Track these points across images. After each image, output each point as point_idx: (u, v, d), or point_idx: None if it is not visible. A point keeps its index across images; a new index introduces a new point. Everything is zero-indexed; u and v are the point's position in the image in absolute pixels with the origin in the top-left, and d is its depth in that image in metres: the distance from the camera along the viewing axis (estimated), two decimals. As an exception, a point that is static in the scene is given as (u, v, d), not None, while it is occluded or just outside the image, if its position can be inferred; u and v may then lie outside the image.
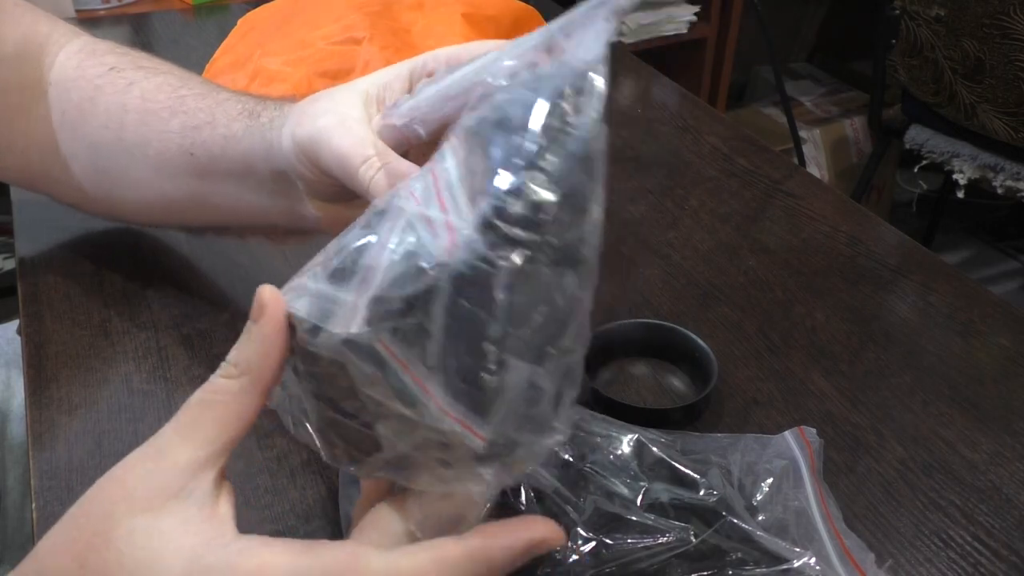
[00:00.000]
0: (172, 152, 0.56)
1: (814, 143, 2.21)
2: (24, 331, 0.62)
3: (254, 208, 0.55)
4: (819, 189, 0.82)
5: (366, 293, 0.31)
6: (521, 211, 0.31)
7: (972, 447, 0.55)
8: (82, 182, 0.62)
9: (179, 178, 0.56)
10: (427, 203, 0.32)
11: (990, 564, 0.48)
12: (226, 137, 0.53)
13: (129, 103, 0.57)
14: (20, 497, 0.73)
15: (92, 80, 0.59)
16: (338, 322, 0.31)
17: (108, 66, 0.59)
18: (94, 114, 0.59)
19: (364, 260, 0.32)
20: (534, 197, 0.31)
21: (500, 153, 0.32)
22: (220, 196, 0.56)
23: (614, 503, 0.43)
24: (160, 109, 0.56)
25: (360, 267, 0.32)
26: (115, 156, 0.58)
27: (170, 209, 0.60)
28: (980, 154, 1.53)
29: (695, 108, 0.96)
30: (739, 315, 0.66)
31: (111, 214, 0.66)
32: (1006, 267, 2.12)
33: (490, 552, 0.32)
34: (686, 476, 0.45)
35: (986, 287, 0.69)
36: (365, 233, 0.33)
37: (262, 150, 0.51)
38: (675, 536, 0.42)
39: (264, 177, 0.52)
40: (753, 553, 0.42)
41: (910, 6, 1.45)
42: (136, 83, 0.58)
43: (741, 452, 0.49)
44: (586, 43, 0.33)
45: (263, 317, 0.32)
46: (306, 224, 0.53)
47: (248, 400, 0.33)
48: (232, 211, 0.57)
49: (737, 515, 0.43)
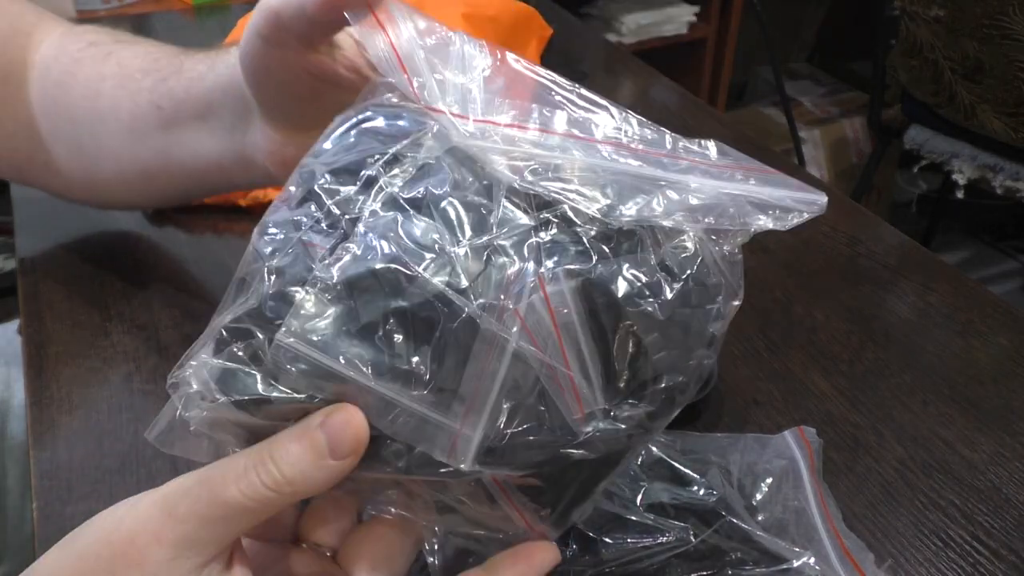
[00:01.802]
0: (143, 110, 0.56)
1: (814, 143, 2.21)
2: (24, 331, 0.62)
3: (213, 158, 0.55)
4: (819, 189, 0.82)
5: (478, 427, 0.29)
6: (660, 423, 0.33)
7: (971, 447, 0.55)
8: (63, 164, 0.62)
9: (148, 136, 0.57)
10: (540, 337, 0.29)
11: (990, 564, 0.48)
12: (191, 79, 0.54)
13: (106, 71, 0.58)
14: (19, 497, 0.73)
15: (72, 55, 0.60)
16: (441, 448, 0.29)
17: (88, 42, 0.60)
18: (73, 86, 0.59)
19: (466, 384, 0.29)
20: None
21: (661, 362, 0.31)
22: (184, 148, 0.56)
23: (614, 503, 0.43)
24: (135, 71, 0.57)
25: (462, 378, 0.29)
26: (91, 126, 0.59)
27: (144, 177, 0.60)
28: (980, 154, 1.53)
29: (695, 108, 0.96)
30: (739, 315, 0.66)
31: (92, 195, 0.66)
32: (1006, 267, 2.12)
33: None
34: (686, 476, 0.45)
35: (986, 287, 0.69)
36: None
37: (225, 80, 0.51)
38: (675, 536, 0.42)
39: (224, 113, 0.52)
40: (753, 553, 0.42)
41: (910, 6, 1.45)
42: (114, 53, 0.59)
43: (741, 452, 0.49)
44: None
45: (350, 457, 0.29)
46: (258, 173, 0.52)
47: (290, 508, 0.31)
48: (196, 170, 0.57)
49: (737, 515, 0.43)
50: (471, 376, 0.29)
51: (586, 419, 0.30)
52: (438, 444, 0.29)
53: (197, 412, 0.30)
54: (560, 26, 1.12)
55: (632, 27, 2.07)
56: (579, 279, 0.30)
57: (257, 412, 0.29)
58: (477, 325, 0.29)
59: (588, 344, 0.30)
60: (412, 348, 0.29)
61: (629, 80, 1.04)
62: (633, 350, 0.31)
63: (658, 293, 0.31)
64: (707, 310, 0.32)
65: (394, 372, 0.29)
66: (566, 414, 0.30)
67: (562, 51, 1.06)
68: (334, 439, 0.29)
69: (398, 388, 0.29)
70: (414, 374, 0.29)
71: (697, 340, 0.32)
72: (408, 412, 0.29)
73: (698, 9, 2.16)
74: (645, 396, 0.31)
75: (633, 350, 0.31)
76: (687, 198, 0.31)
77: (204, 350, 0.30)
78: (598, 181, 0.31)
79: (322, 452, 0.29)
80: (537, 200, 0.31)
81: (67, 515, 0.49)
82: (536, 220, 0.30)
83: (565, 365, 0.30)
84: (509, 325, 0.29)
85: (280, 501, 0.30)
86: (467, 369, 0.29)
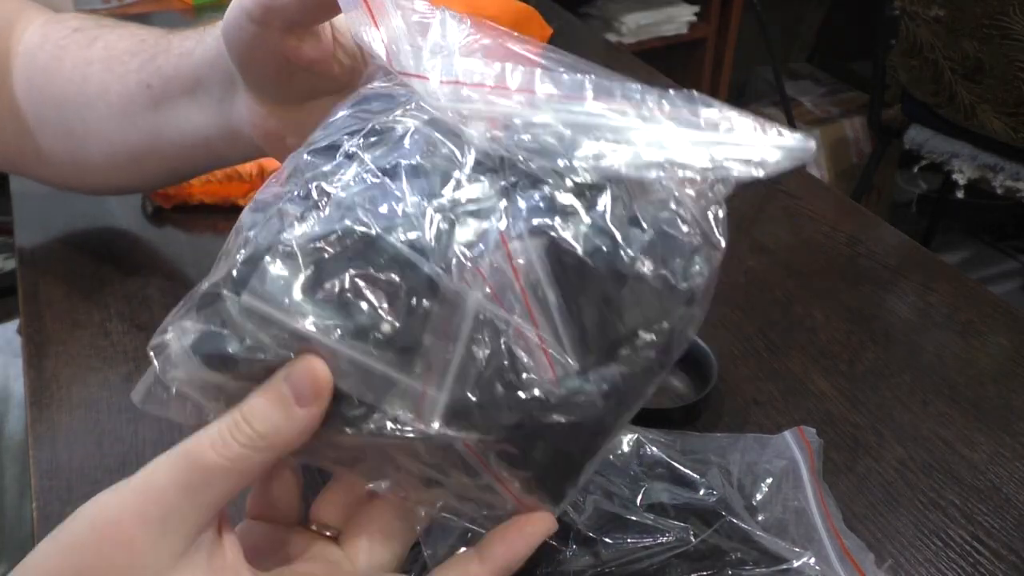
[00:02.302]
0: (131, 90, 0.56)
1: (814, 143, 2.21)
2: (24, 331, 0.62)
3: (201, 133, 0.55)
4: (819, 189, 0.82)
5: (443, 388, 0.29)
6: (637, 386, 0.32)
7: (971, 447, 0.55)
8: (51, 151, 0.62)
9: (138, 117, 0.57)
10: (503, 296, 0.29)
11: (990, 564, 0.48)
12: (180, 56, 0.55)
13: (93, 55, 0.58)
14: (17, 496, 0.73)
15: (57, 42, 0.60)
16: (407, 409, 0.30)
17: (72, 28, 0.60)
18: (60, 72, 0.59)
19: (428, 343, 0.29)
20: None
21: (631, 319, 0.31)
22: (174, 126, 0.56)
23: (614, 503, 0.43)
24: (121, 53, 0.58)
25: (423, 336, 0.29)
26: (79, 110, 0.59)
27: (133, 159, 0.60)
28: (980, 154, 1.53)
29: (695, 108, 0.96)
30: (739, 315, 0.66)
31: (82, 181, 0.66)
32: (1006, 267, 2.12)
33: (505, 562, 0.33)
34: (686, 476, 0.45)
35: (986, 287, 0.69)
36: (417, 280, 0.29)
37: (213, 54, 0.52)
38: (675, 536, 0.42)
39: (212, 87, 0.53)
40: (753, 553, 0.42)
41: (910, 6, 1.45)
42: (100, 37, 0.59)
43: (741, 452, 0.49)
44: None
45: (314, 404, 0.30)
46: (245, 145, 0.53)
47: (267, 470, 0.31)
48: (184, 147, 0.57)
49: (737, 515, 0.43)
50: (434, 336, 0.29)
51: (557, 380, 0.30)
52: (404, 405, 0.30)
53: (174, 373, 0.31)
54: (560, 26, 1.12)
55: (632, 27, 2.07)
56: (544, 236, 0.29)
57: (227, 371, 0.30)
58: (438, 285, 0.29)
59: (557, 302, 0.30)
60: (374, 308, 0.29)
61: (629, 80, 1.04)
62: (603, 307, 0.30)
63: (627, 247, 0.30)
64: (682, 264, 0.31)
65: (357, 331, 0.29)
66: (535, 375, 0.30)
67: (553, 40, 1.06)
68: (297, 387, 0.29)
69: (361, 347, 0.29)
70: (376, 333, 0.29)
71: (673, 297, 0.31)
72: (372, 372, 0.29)
73: (698, 9, 2.16)
74: (619, 356, 0.31)
75: (603, 307, 0.30)
76: (664, 150, 0.31)
77: (183, 316, 0.31)
78: (571, 137, 0.31)
79: (288, 402, 0.29)
80: (508, 161, 0.31)
81: (67, 515, 0.49)
82: (505, 180, 0.30)
83: (532, 324, 0.29)
84: (472, 284, 0.29)
85: (257, 458, 0.30)
86: (430, 328, 0.29)
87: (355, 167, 0.31)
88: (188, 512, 0.30)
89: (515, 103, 0.31)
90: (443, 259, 0.29)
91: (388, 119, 0.32)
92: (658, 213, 0.31)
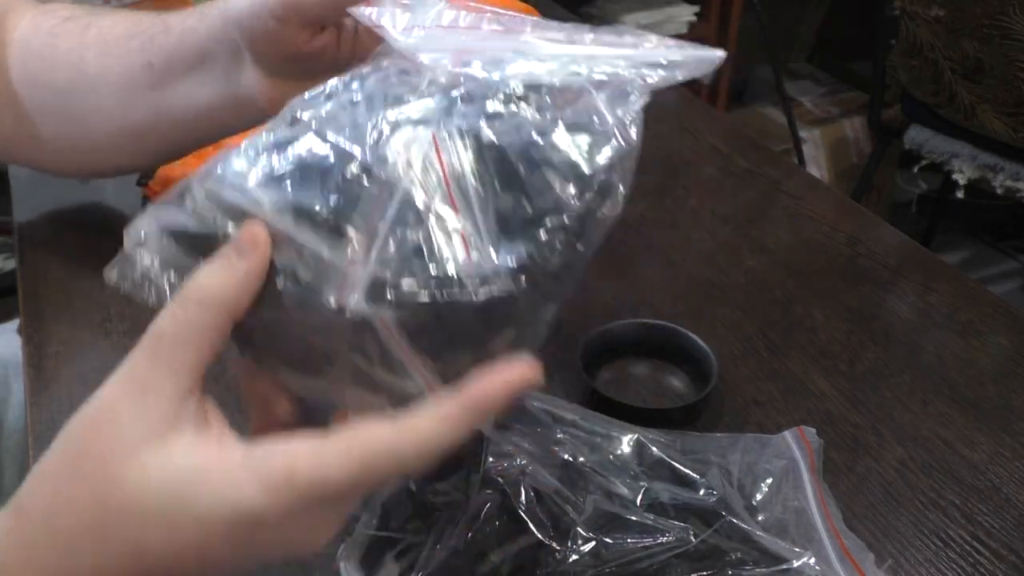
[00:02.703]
0: (134, 71, 0.59)
1: (814, 143, 2.21)
2: (24, 331, 0.62)
3: (204, 106, 0.58)
4: (819, 189, 0.82)
5: (366, 266, 0.32)
6: (549, 269, 0.34)
7: (971, 447, 0.55)
8: (50, 135, 0.63)
9: (140, 95, 0.59)
10: (428, 186, 0.33)
11: (990, 564, 0.48)
12: (182, 32, 0.57)
13: (88, 41, 0.60)
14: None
15: (50, 30, 0.62)
16: (331, 285, 0.32)
17: (63, 17, 0.63)
18: (55, 58, 0.61)
19: (357, 213, 0.33)
20: (558, 262, 0.34)
21: (543, 202, 0.34)
22: (177, 101, 0.59)
23: (614, 503, 0.43)
24: (119, 36, 0.60)
25: (352, 218, 0.33)
26: (80, 94, 0.61)
27: (134, 137, 0.62)
28: (980, 154, 1.53)
29: (695, 108, 0.96)
30: (739, 315, 0.66)
31: (81, 164, 0.67)
32: (1006, 267, 2.12)
33: (477, 397, 0.32)
34: (686, 476, 0.45)
35: (986, 287, 0.69)
36: (346, 162, 0.34)
37: (218, 29, 0.55)
38: (675, 536, 0.42)
39: (218, 60, 0.56)
40: (753, 553, 0.42)
41: (910, 6, 1.45)
42: (93, 24, 0.61)
43: (741, 452, 0.49)
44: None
45: (254, 255, 0.33)
46: (252, 113, 0.55)
47: (223, 331, 0.33)
48: (186, 121, 0.60)
49: (737, 515, 0.43)
50: (362, 218, 0.33)
51: (471, 262, 0.32)
52: (329, 281, 0.33)
53: (142, 251, 0.35)
54: (560, 26, 1.12)
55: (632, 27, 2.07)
56: (471, 135, 0.34)
57: (186, 248, 0.35)
58: (370, 172, 0.33)
59: (477, 191, 0.33)
60: (312, 193, 0.33)
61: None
62: (518, 194, 0.33)
63: (540, 137, 0.34)
64: (592, 153, 0.34)
65: (293, 210, 0.33)
66: (451, 257, 0.32)
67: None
68: (238, 244, 0.33)
69: (294, 224, 0.33)
70: (310, 213, 0.33)
71: (582, 182, 0.34)
72: (303, 248, 0.33)
73: (698, 9, 2.16)
74: (531, 237, 0.33)
75: (518, 194, 0.33)
76: (584, 63, 0.36)
77: (158, 205, 0.36)
78: (509, 59, 0.36)
79: (231, 258, 0.33)
80: (452, 81, 0.35)
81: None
82: (448, 98, 0.35)
83: (453, 210, 0.33)
84: (403, 176, 0.33)
85: (208, 317, 0.33)
86: (359, 211, 0.33)
87: (331, 102, 0.36)
88: (163, 382, 0.32)
89: (466, 38, 0.38)
90: (378, 155, 0.33)
91: (369, 70, 0.38)
92: (575, 113, 0.35)
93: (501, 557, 0.42)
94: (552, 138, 0.34)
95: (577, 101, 0.35)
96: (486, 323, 0.34)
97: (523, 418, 0.47)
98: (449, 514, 0.42)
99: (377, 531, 0.44)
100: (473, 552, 0.42)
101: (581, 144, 0.34)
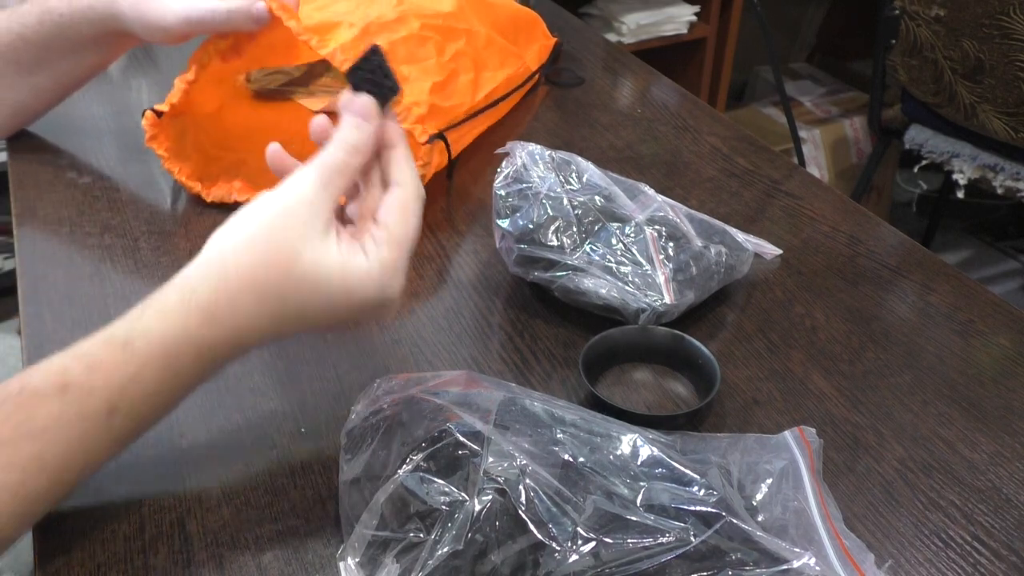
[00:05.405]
0: (2, 68, 0.74)
1: (814, 143, 2.21)
2: (24, 331, 0.62)
3: (85, 73, 0.78)
4: (819, 189, 0.82)
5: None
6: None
7: (972, 447, 0.55)
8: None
9: (12, 87, 0.76)
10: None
11: (990, 564, 0.48)
12: (52, 24, 0.73)
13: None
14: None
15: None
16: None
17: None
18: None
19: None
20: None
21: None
22: (55, 79, 0.77)
23: (614, 503, 0.43)
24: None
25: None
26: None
27: (12, 114, 0.80)
28: (980, 154, 1.53)
29: (695, 108, 0.96)
30: (739, 315, 0.66)
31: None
32: (1006, 267, 2.12)
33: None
34: (686, 476, 0.45)
35: (986, 287, 0.69)
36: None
37: (86, 8, 0.70)
38: (675, 536, 0.42)
39: (91, 37, 0.73)
40: (753, 553, 0.42)
41: (910, 6, 1.45)
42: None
43: (741, 452, 0.49)
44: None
45: (373, 122, 0.47)
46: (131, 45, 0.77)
47: (360, 170, 0.47)
48: (70, 83, 0.79)
49: (737, 515, 0.43)
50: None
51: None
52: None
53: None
54: (560, 26, 1.12)
55: (632, 27, 2.07)
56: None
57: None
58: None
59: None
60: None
61: (629, 80, 1.04)
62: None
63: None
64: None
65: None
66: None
67: (562, 51, 1.06)
68: (360, 118, 0.48)
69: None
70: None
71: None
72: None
73: (698, 9, 2.16)
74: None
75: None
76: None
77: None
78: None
79: (360, 123, 0.47)
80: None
81: (66, 514, 0.49)
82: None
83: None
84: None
85: (356, 158, 0.47)
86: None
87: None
88: (327, 200, 0.46)
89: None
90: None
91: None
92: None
93: (501, 557, 0.42)
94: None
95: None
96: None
97: (523, 418, 0.47)
98: (449, 514, 0.42)
99: (377, 531, 0.44)
100: (473, 552, 0.42)
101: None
